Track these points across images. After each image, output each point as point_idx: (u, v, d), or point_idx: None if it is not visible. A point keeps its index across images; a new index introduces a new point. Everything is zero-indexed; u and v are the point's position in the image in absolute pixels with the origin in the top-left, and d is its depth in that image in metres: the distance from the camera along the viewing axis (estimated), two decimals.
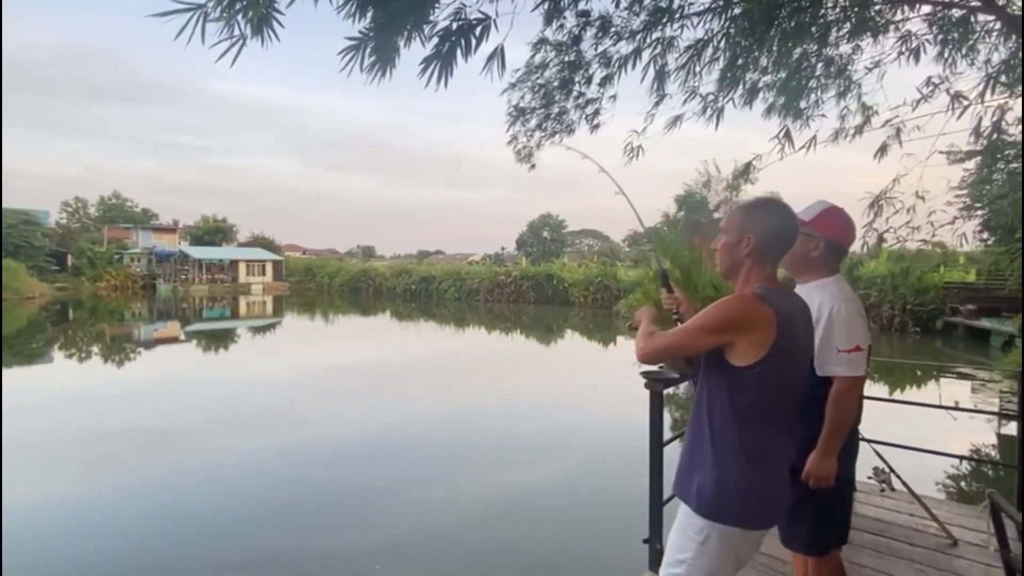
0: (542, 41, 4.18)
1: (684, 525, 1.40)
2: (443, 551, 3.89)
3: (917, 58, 4.22)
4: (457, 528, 4.24)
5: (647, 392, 2.38)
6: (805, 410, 1.70)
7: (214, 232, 46.72)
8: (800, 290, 1.84)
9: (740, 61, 4.20)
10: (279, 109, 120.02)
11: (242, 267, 42.51)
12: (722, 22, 3.93)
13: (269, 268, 43.86)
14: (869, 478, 2.95)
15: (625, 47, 4.15)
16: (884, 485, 2.76)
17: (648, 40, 4.12)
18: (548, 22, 3.96)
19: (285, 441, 6.59)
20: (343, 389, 9.91)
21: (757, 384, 1.32)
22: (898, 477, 2.80)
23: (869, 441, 2.94)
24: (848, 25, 4.07)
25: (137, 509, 4.64)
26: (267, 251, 45.95)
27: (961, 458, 2.93)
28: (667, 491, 2.36)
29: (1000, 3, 3.35)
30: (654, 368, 2.40)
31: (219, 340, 17.98)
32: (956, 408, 4.10)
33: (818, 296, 1.74)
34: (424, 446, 6.49)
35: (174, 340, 17.93)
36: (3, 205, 35.80)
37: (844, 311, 1.68)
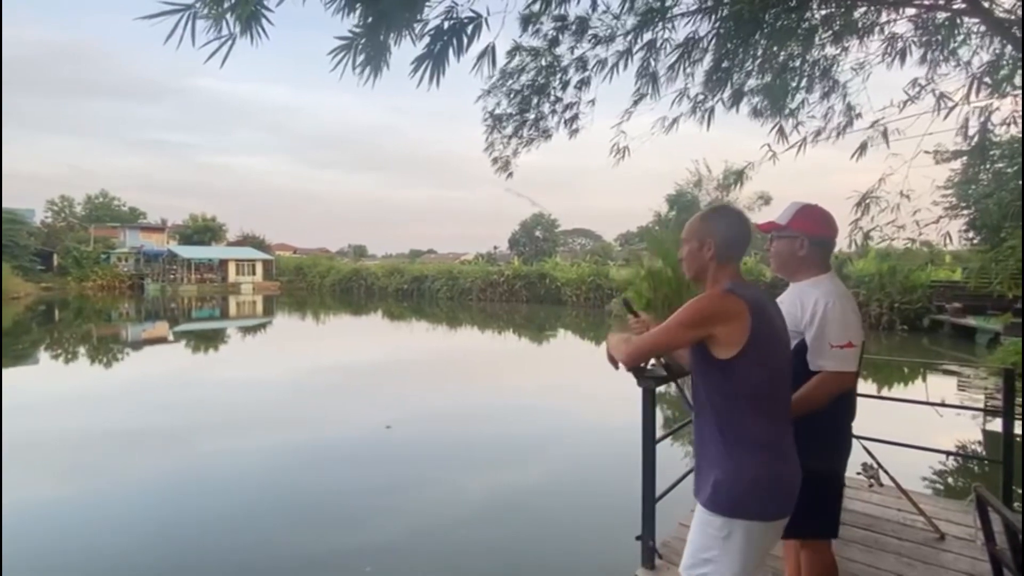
0: (517, 48, 4.15)
1: (704, 523, 1.42)
2: (436, 550, 3.88)
3: (903, 60, 4.27)
4: (450, 527, 4.23)
5: (639, 390, 2.39)
6: None
7: (203, 231, 46.24)
8: (794, 289, 1.86)
9: (725, 64, 4.22)
10: (271, 107, 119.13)
11: (232, 266, 42.13)
12: (712, 23, 3.96)
13: (259, 267, 43.51)
14: (858, 473, 2.99)
15: (603, 51, 4.14)
16: (872, 480, 2.81)
17: (639, 41, 4.12)
18: (524, 28, 3.94)
19: (275, 441, 6.54)
20: (335, 389, 9.85)
21: (749, 372, 1.37)
22: (886, 473, 2.84)
23: (858, 437, 2.99)
24: (834, 27, 4.11)
25: (125, 510, 4.59)
26: (257, 250, 45.56)
27: (948, 454, 2.98)
28: (660, 488, 2.38)
29: (985, 5, 3.40)
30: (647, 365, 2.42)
31: (208, 340, 17.81)
32: (942, 404, 4.17)
33: (812, 293, 1.76)
34: (417, 445, 6.47)
35: (162, 340, 17.73)
36: None
37: (838, 307, 1.71)
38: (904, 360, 12.47)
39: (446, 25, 2.80)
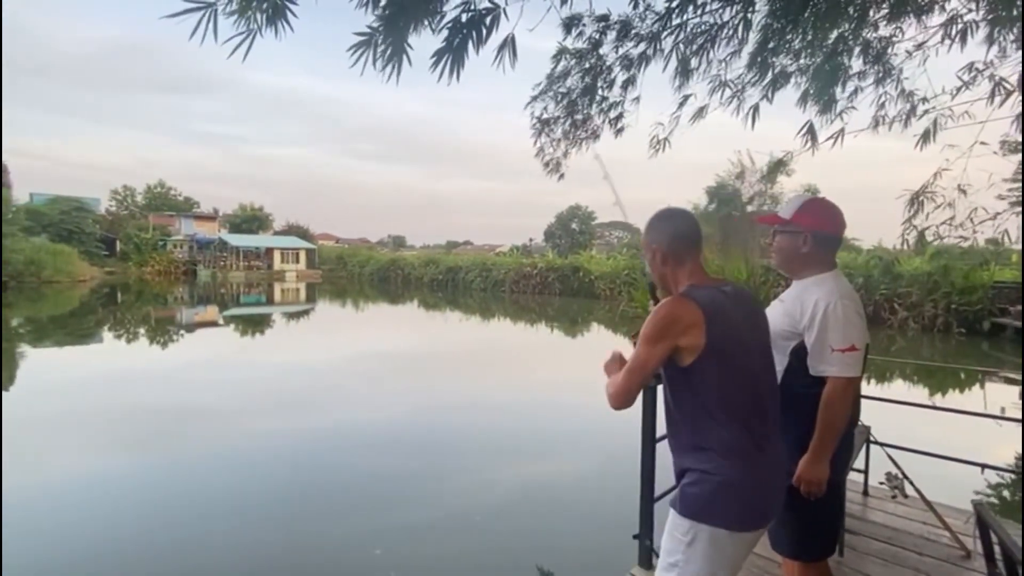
0: (563, 51, 4.13)
1: (672, 527, 1.41)
2: (430, 540, 3.93)
3: (963, 41, 3.96)
4: (445, 519, 4.28)
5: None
6: (798, 410, 1.66)
7: (251, 220, 48.34)
8: (797, 286, 1.79)
9: (772, 45, 4.03)
10: (316, 100, 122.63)
11: (277, 255, 43.88)
12: (743, 5, 3.78)
13: (303, 256, 45.11)
14: (881, 483, 2.85)
15: (646, 46, 4.06)
16: (896, 491, 2.66)
17: (671, 24, 4.00)
18: (567, 31, 3.92)
19: (313, 425, 6.80)
20: (371, 375, 10.14)
21: (707, 376, 1.35)
22: (910, 483, 2.69)
23: (881, 444, 2.84)
24: (888, 5, 3.84)
25: (166, 485, 4.90)
26: (301, 240, 47.25)
27: (983, 467, 2.78)
28: (659, 488, 2.35)
29: None
30: None
31: (255, 325, 18.67)
32: (979, 414, 3.89)
33: (815, 292, 1.68)
34: (441, 435, 6.59)
35: (213, 324, 18.70)
36: (57, 193, 38.10)
37: (840, 309, 1.62)
38: (960, 367, 11.68)
39: (464, 17, 2.80)
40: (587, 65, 4.16)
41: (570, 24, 3.86)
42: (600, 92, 4.28)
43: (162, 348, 13.15)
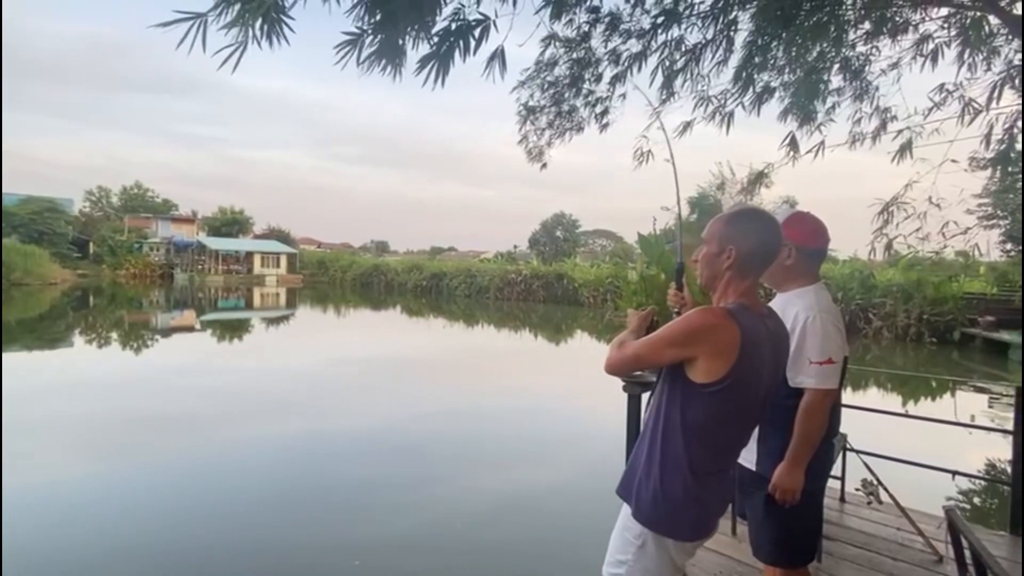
0: (551, 37, 4.16)
1: (624, 527, 1.43)
2: (417, 545, 3.91)
3: (934, 61, 4.13)
4: (434, 527, 4.24)
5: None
6: (776, 420, 1.70)
7: (231, 223, 47.48)
8: (780, 299, 1.83)
9: (758, 59, 4.14)
10: (299, 103, 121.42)
11: (257, 259, 43.19)
12: (727, 21, 3.89)
13: (284, 260, 44.48)
14: (857, 490, 2.92)
15: (635, 45, 4.13)
16: (871, 497, 2.73)
17: (656, 41, 4.08)
18: (557, 17, 3.95)
19: (289, 432, 6.68)
20: (352, 382, 10.01)
21: (712, 403, 1.29)
22: (885, 489, 2.75)
23: (857, 452, 2.91)
24: (871, 18, 3.99)
25: (142, 494, 4.76)
26: (282, 244, 46.59)
27: (954, 473, 2.87)
28: None
29: (1004, 5, 3.26)
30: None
31: (233, 330, 18.29)
32: (951, 422, 4.01)
33: (795, 305, 1.73)
34: (423, 442, 6.53)
35: (190, 329, 18.27)
36: (29, 193, 36.96)
37: (819, 322, 1.66)
38: (931, 375, 12.04)
39: (453, 27, 2.82)
40: (575, 56, 4.20)
41: (559, 9, 3.86)
42: (587, 84, 4.33)
43: (136, 353, 12.78)
